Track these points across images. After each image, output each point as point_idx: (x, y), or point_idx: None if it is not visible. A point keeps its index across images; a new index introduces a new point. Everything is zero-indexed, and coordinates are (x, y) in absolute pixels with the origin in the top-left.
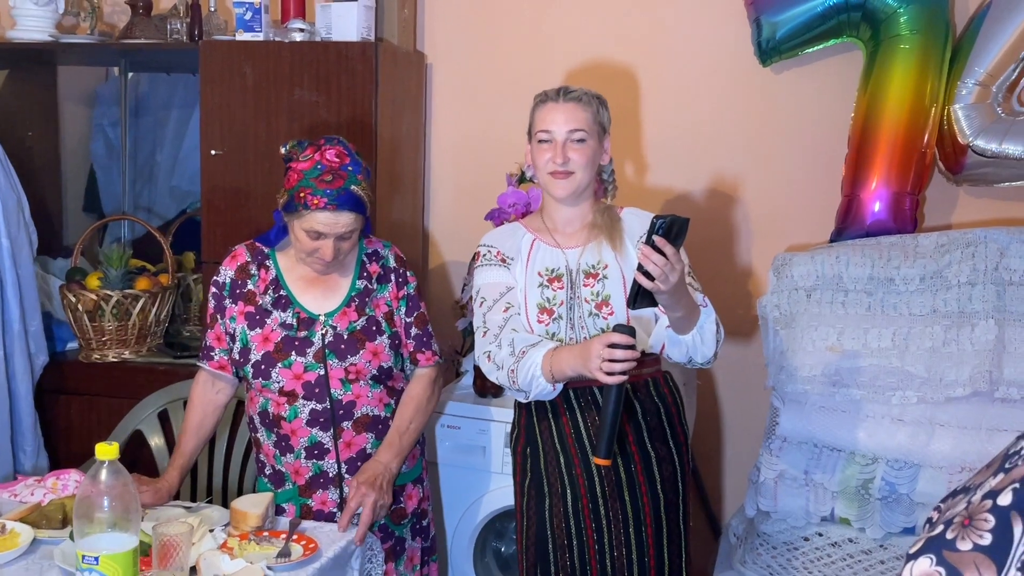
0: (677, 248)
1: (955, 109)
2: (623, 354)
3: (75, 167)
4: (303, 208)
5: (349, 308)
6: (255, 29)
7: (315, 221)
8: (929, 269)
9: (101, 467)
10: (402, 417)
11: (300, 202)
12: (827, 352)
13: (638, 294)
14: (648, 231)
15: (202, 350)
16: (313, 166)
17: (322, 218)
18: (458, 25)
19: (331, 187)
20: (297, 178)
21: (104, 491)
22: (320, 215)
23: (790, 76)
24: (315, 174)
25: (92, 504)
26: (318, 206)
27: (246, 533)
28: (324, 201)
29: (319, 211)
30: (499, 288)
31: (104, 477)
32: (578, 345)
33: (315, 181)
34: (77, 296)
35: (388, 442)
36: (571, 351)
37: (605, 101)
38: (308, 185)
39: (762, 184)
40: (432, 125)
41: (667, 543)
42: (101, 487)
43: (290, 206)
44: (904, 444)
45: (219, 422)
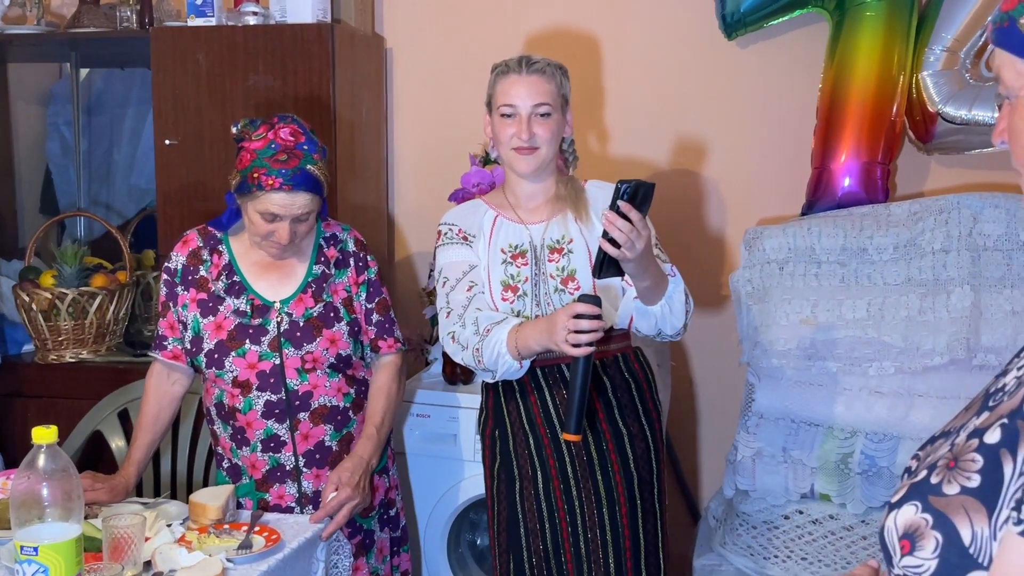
0: (643, 214)
1: (923, 76)
2: (589, 324)
3: (30, 168)
4: (257, 189)
5: (305, 294)
6: (207, 14)
7: (270, 202)
8: (902, 237)
9: (39, 452)
10: (375, 409)
11: (254, 183)
12: (802, 325)
13: (604, 262)
14: (612, 196)
15: (155, 340)
16: (267, 145)
17: (277, 199)
18: (417, 6)
19: (286, 167)
20: (250, 158)
21: (43, 477)
22: (275, 196)
23: (756, 49)
24: (269, 154)
25: (30, 492)
26: (273, 187)
27: (205, 526)
28: (279, 181)
29: (274, 192)
30: (461, 267)
31: (42, 463)
32: (543, 318)
33: (269, 161)
34: (31, 295)
35: (367, 435)
36: (536, 325)
37: (567, 71)
38: (262, 165)
39: (731, 158)
40: (394, 108)
41: (642, 522)
42: (40, 473)
43: (243, 187)
44: (883, 416)
45: (176, 414)
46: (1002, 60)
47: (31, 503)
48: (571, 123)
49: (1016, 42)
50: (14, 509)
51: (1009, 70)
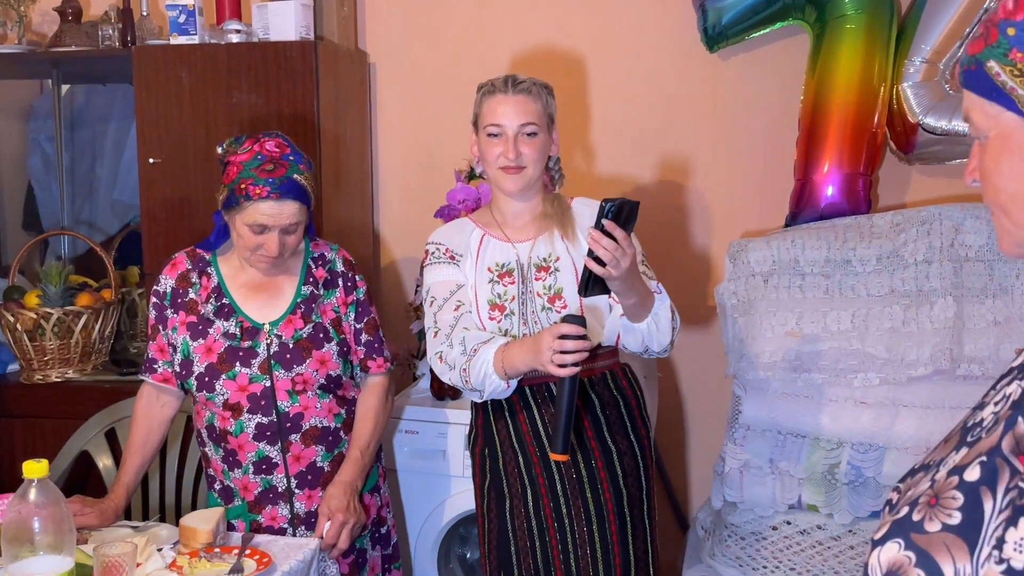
0: (628, 232)
1: (904, 88)
2: (574, 344)
3: (12, 184)
4: (245, 200)
5: (294, 316)
6: (190, 32)
7: (258, 212)
8: (885, 249)
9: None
10: (362, 433)
11: (241, 194)
12: (787, 337)
13: (589, 281)
14: (597, 215)
15: (145, 363)
16: (253, 157)
17: (265, 208)
18: (399, 22)
19: (273, 176)
20: (237, 170)
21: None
22: (263, 205)
23: (738, 61)
24: (255, 164)
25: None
26: (261, 196)
27: (196, 550)
28: (267, 190)
29: (262, 201)
30: (448, 286)
31: (33, 497)
32: (529, 339)
33: (255, 171)
34: (15, 315)
35: (352, 459)
36: (522, 345)
37: (552, 90)
38: (248, 176)
39: (714, 170)
40: (378, 124)
41: (632, 538)
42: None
43: (231, 200)
44: (868, 427)
45: (165, 437)
46: (971, 102)
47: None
48: (557, 141)
49: (984, 85)
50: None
51: (978, 112)
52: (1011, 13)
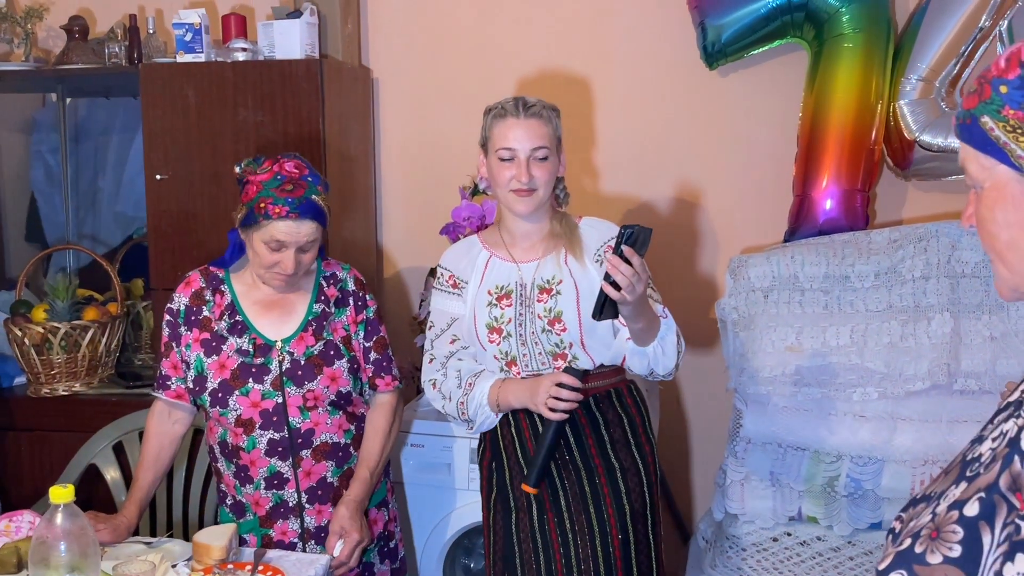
0: (642, 257)
1: (900, 105)
2: (568, 395)
3: (14, 196)
4: (263, 218)
5: (306, 333)
6: (196, 50)
7: (276, 230)
8: (883, 265)
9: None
10: (370, 451)
11: (260, 212)
12: (787, 352)
13: (604, 304)
14: (616, 241)
15: (157, 379)
16: (272, 177)
17: (283, 227)
18: (402, 39)
19: (292, 196)
20: (256, 190)
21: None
22: (281, 224)
23: (737, 78)
24: (275, 184)
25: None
26: (280, 215)
27: (210, 567)
28: (286, 210)
29: (280, 220)
30: (446, 318)
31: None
32: (528, 380)
33: (275, 191)
34: (23, 330)
35: (360, 479)
36: (520, 385)
37: (559, 111)
38: (268, 195)
39: (713, 187)
40: (381, 140)
41: (635, 554)
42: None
43: (249, 218)
44: (867, 440)
45: (177, 453)
46: (966, 154)
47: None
48: (564, 162)
49: (978, 138)
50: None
51: (973, 163)
52: (1003, 72)
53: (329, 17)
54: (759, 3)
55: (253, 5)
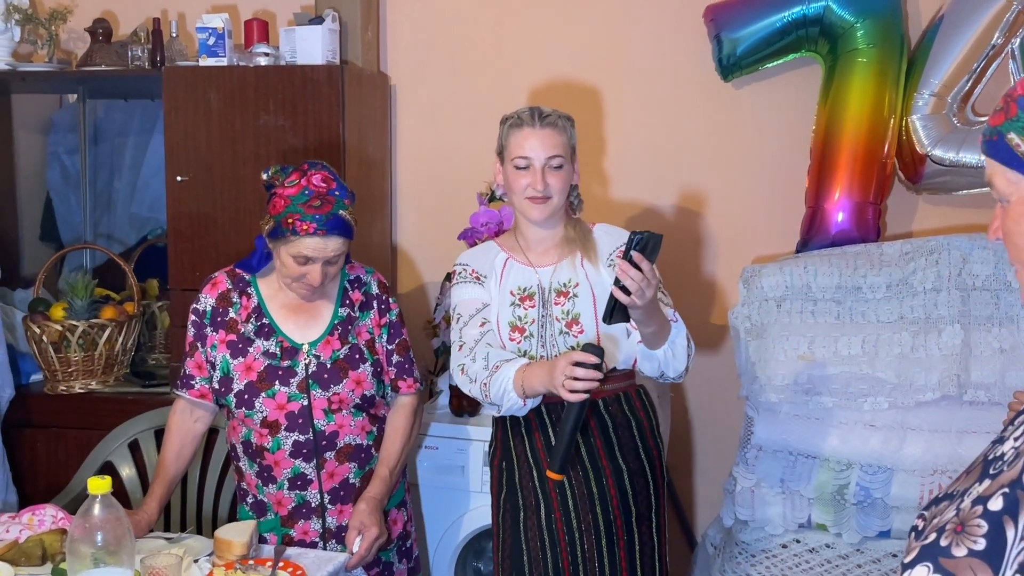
0: (652, 262)
1: (913, 120)
2: (584, 373)
3: (31, 196)
4: (291, 234)
5: (332, 337)
6: (219, 54)
7: (303, 246)
8: (895, 277)
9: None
10: (390, 451)
11: (288, 228)
12: (799, 361)
13: (614, 309)
14: (626, 246)
15: (180, 379)
16: (300, 192)
17: (311, 243)
18: (421, 46)
19: (320, 212)
20: (284, 204)
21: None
22: (309, 240)
23: (751, 91)
24: (303, 200)
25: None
26: (307, 232)
27: (231, 562)
28: (313, 227)
29: (308, 237)
30: (475, 304)
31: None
32: (546, 362)
33: (303, 207)
34: (42, 327)
35: (380, 477)
36: (540, 367)
37: (573, 121)
38: (296, 211)
39: (726, 197)
40: (397, 146)
41: (640, 555)
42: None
43: (277, 232)
44: (877, 449)
45: (197, 451)
46: (993, 169)
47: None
48: (578, 170)
49: (1004, 154)
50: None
51: (1000, 178)
52: None
53: (350, 24)
54: (775, 17)
55: (275, 10)
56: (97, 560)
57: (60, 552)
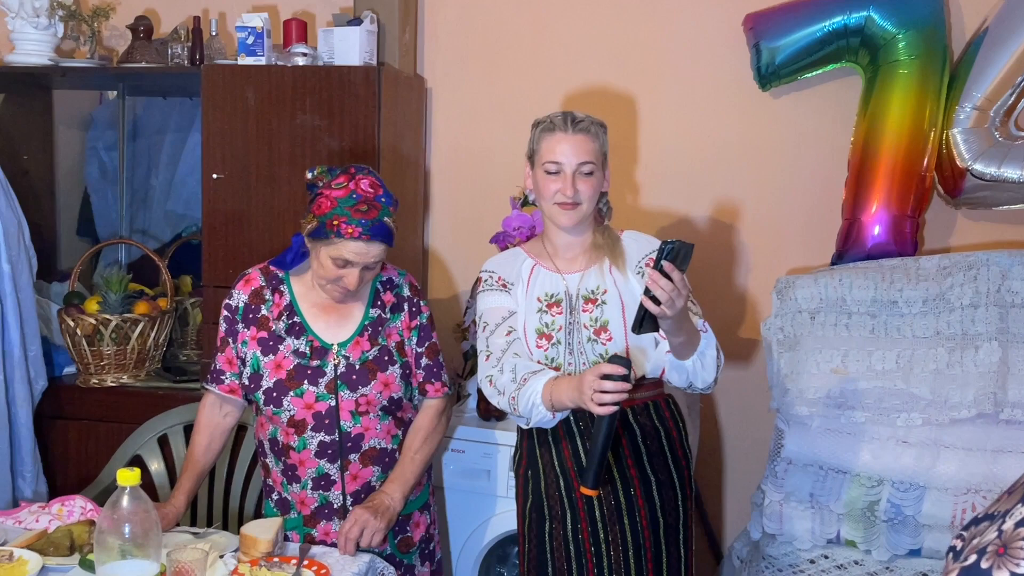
0: (682, 272)
1: (954, 133)
2: (613, 386)
3: (69, 191)
4: (335, 236)
5: (361, 338)
6: (257, 53)
7: (346, 250)
8: (932, 292)
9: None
10: (408, 448)
11: (332, 229)
12: (831, 374)
13: (643, 319)
14: (657, 256)
15: (211, 373)
16: (348, 195)
17: (353, 247)
18: (457, 49)
19: (366, 217)
20: (330, 205)
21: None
22: (352, 244)
23: (789, 100)
24: (350, 203)
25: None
26: (352, 235)
27: (257, 559)
28: (358, 231)
29: (352, 240)
30: (501, 312)
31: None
32: (575, 377)
33: (350, 210)
34: (76, 320)
35: (393, 476)
36: (569, 382)
37: (606, 127)
38: (343, 214)
39: (762, 207)
40: (432, 148)
41: (667, 567)
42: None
43: (319, 232)
44: (909, 466)
45: (225, 446)
46: None
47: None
48: (608, 177)
49: None
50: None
51: None
52: None
53: (388, 26)
54: (815, 27)
55: (315, 11)
56: (124, 552)
57: (88, 543)
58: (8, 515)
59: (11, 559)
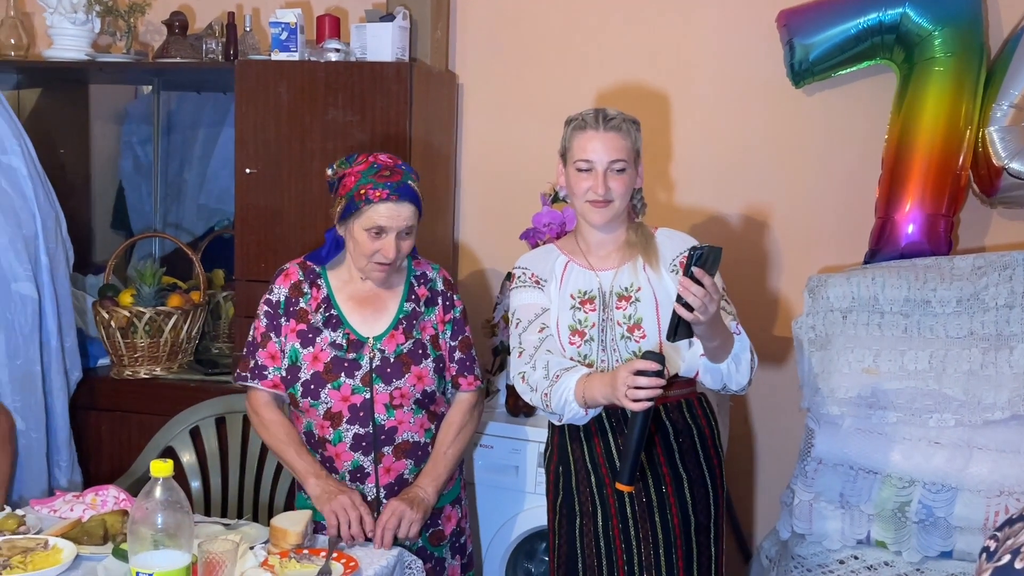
0: (712, 277)
1: (990, 131)
2: (647, 381)
3: (104, 184)
4: (364, 203)
5: (397, 331)
6: (290, 49)
7: (377, 214)
8: (966, 291)
9: (155, 484)
10: (441, 442)
11: (360, 199)
12: (863, 374)
13: (677, 326)
14: (686, 263)
15: (251, 370)
16: (369, 166)
17: (384, 210)
18: (489, 46)
19: (390, 180)
20: (354, 180)
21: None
22: (382, 207)
23: (822, 97)
24: (373, 171)
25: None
26: (381, 198)
27: (286, 551)
28: (386, 192)
29: (381, 203)
30: (534, 309)
31: (158, 494)
32: (608, 373)
33: (374, 177)
34: (110, 312)
35: (426, 471)
36: (602, 379)
37: (639, 124)
38: (367, 182)
39: (794, 205)
40: (463, 144)
41: (697, 566)
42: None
43: (349, 207)
44: (941, 467)
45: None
46: None
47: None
48: (642, 174)
49: None
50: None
51: None
52: None
53: (420, 22)
54: (849, 23)
55: (347, 7)
56: (157, 542)
57: (121, 532)
58: (44, 504)
59: (46, 547)
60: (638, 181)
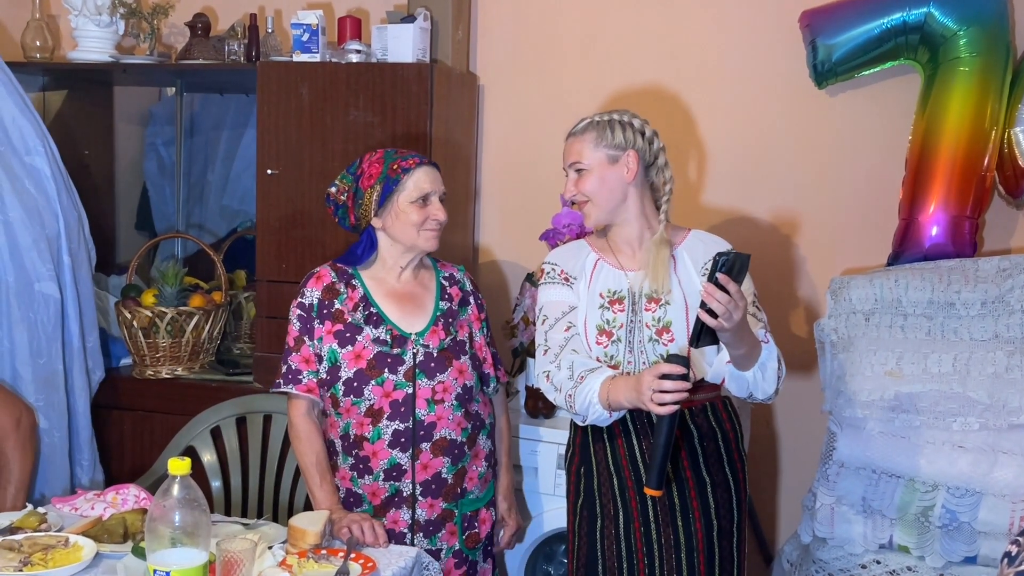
0: (739, 284)
1: (1016, 132)
2: (673, 385)
3: (128, 185)
4: (403, 174)
5: (437, 327)
6: (312, 50)
7: (419, 180)
8: (991, 294)
9: (173, 482)
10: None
11: (396, 174)
12: (886, 377)
13: (701, 332)
14: (711, 268)
15: (285, 375)
16: (384, 152)
17: (423, 174)
18: (510, 47)
19: (411, 152)
20: (379, 166)
21: (175, 505)
22: (420, 172)
23: (846, 98)
24: (392, 153)
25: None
26: (417, 164)
27: (304, 551)
28: (417, 160)
29: (419, 168)
30: (561, 307)
31: (176, 492)
32: (633, 377)
33: (397, 155)
34: (132, 312)
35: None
36: (627, 382)
37: (621, 122)
38: (393, 159)
39: (815, 206)
40: (483, 145)
41: (719, 571)
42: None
43: (387, 187)
44: (965, 471)
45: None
46: None
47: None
48: (632, 169)
49: None
50: (149, 534)
51: None
52: None
53: (441, 23)
54: (873, 24)
55: (369, 8)
56: (175, 540)
57: (141, 531)
58: (65, 502)
59: (67, 545)
60: (629, 175)
